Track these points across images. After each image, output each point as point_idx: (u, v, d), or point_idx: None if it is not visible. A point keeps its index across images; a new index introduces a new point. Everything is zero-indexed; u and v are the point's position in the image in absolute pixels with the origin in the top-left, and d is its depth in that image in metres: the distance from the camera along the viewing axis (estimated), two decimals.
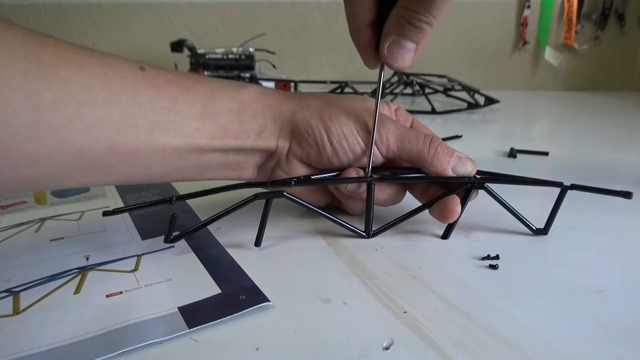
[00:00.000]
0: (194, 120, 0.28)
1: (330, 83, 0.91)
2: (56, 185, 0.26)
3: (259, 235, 0.31)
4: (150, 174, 0.28)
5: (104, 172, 0.26)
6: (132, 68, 0.27)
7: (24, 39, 0.23)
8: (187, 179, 0.31)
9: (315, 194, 0.34)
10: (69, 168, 0.25)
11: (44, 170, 0.24)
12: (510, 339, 0.22)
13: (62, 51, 0.24)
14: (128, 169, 0.27)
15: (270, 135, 0.31)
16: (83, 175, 0.26)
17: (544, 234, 0.33)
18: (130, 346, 0.21)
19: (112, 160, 0.26)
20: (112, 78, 0.25)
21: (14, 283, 0.27)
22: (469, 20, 1.13)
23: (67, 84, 0.23)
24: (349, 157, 0.32)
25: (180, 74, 0.30)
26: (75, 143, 0.24)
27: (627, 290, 0.27)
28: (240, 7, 1.10)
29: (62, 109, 0.23)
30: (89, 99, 0.24)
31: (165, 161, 0.28)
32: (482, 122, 0.78)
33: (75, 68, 0.24)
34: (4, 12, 1.08)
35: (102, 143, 0.25)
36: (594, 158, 0.55)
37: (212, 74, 0.88)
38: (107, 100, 0.25)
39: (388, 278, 0.28)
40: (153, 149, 0.27)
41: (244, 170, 0.32)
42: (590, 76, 1.16)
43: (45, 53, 0.23)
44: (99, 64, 0.25)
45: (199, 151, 0.29)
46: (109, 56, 0.26)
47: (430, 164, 0.31)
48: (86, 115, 0.24)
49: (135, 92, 0.26)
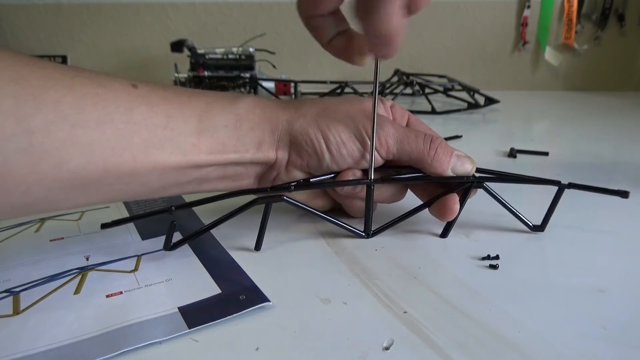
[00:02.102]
0: (191, 137, 0.28)
1: (330, 83, 0.91)
2: (52, 208, 0.26)
3: (258, 239, 0.31)
4: (148, 190, 0.28)
5: (101, 192, 0.26)
6: (124, 86, 0.26)
7: (11, 62, 0.22)
8: (186, 192, 0.31)
9: (317, 199, 0.34)
10: (65, 191, 0.24)
11: (39, 195, 0.23)
12: (510, 339, 0.22)
13: (50, 72, 0.23)
14: (125, 187, 0.27)
15: (269, 148, 0.31)
16: (79, 197, 0.26)
17: (541, 230, 0.33)
18: (130, 346, 0.21)
19: (109, 180, 0.25)
20: (104, 97, 0.25)
21: (14, 283, 0.27)
22: (469, 20, 1.13)
23: (58, 105, 0.23)
24: (348, 162, 0.31)
25: (174, 89, 0.29)
26: (70, 166, 0.23)
27: (627, 290, 0.27)
28: (240, 7, 1.10)
29: (54, 132, 0.23)
30: (81, 119, 0.24)
31: (163, 178, 0.28)
32: (482, 122, 0.78)
33: (65, 89, 0.23)
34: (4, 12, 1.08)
35: (98, 164, 0.24)
36: (594, 158, 0.55)
37: (212, 74, 0.88)
38: (101, 120, 0.24)
39: (388, 278, 0.28)
40: (150, 167, 0.26)
41: (244, 181, 0.32)
42: (590, 76, 1.16)
43: (32, 75, 0.23)
44: (89, 83, 0.25)
45: (198, 167, 0.29)
46: (100, 75, 0.26)
47: (430, 165, 0.31)
48: (80, 136, 0.23)
49: (129, 110, 0.26)
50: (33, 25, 1.10)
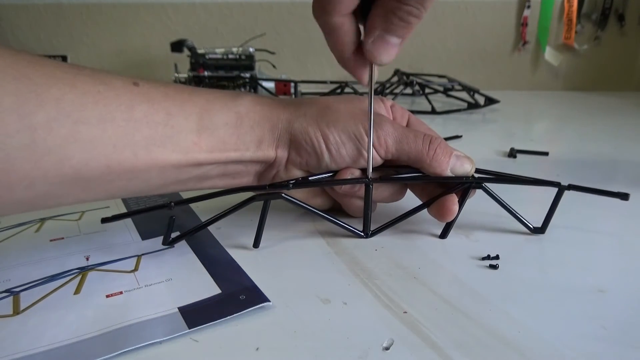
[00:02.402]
0: (192, 134, 0.28)
1: (330, 83, 0.91)
2: (54, 203, 0.26)
3: (257, 236, 0.31)
4: (149, 187, 0.28)
5: (102, 189, 0.26)
6: (126, 84, 0.26)
7: (12, 60, 0.22)
8: (186, 189, 0.31)
9: (317, 197, 0.34)
10: (67, 187, 0.25)
11: (42, 190, 0.24)
12: (510, 339, 0.22)
13: (52, 70, 0.24)
14: (126, 184, 0.27)
15: (268, 146, 0.31)
16: (81, 193, 0.26)
17: (541, 232, 0.33)
18: (130, 346, 0.21)
19: (110, 177, 0.26)
20: (105, 94, 0.25)
21: (14, 283, 0.27)
22: (469, 20, 1.13)
23: (60, 102, 0.23)
24: (347, 161, 0.31)
25: (175, 86, 0.29)
26: (72, 162, 0.24)
27: (627, 290, 0.27)
28: (240, 7, 1.10)
29: (56, 128, 0.23)
30: (83, 116, 0.24)
31: (164, 175, 0.28)
32: (482, 122, 0.78)
33: (67, 87, 0.24)
34: (4, 12, 1.08)
35: (99, 161, 0.25)
36: (594, 158, 0.55)
37: (212, 74, 0.88)
38: (102, 118, 0.25)
39: (388, 278, 0.28)
40: (151, 164, 0.27)
41: (244, 179, 0.32)
42: (590, 76, 1.16)
43: (35, 73, 0.23)
44: (91, 81, 0.25)
45: (198, 164, 0.29)
46: (101, 73, 0.26)
47: (429, 165, 0.31)
48: (81, 133, 0.24)
49: (130, 107, 0.26)
50: (33, 25, 1.10)
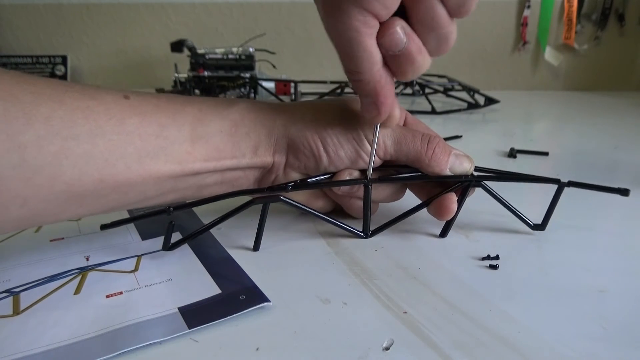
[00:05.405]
0: (185, 144, 0.28)
1: (330, 83, 0.90)
2: (51, 219, 0.26)
3: (257, 240, 0.31)
4: (147, 197, 0.28)
5: (99, 203, 0.26)
6: (116, 97, 0.27)
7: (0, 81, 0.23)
8: (184, 198, 0.31)
9: (318, 200, 0.34)
10: (61, 203, 0.25)
11: (37, 208, 0.24)
12: (510, 339, 0.22)
13: (41, 88, 0.24)
14: (122, 197, 0.27)
15: (265, 152, 0.31)
16: (77, 208, 0.26)
17: (542, 229, 0.33)
18: (130, 346, 0.21)
19: (105, 191, 0.26)
20: (95, 109, 0.25)
21: (14, 283, 0.27)
22: (469, 20, 1.12)
23: (49, 120, 0.23)
24: (345, 163, 0.31)
25: (167, 97, 0.29)
26: (64, 178, 0.24)
27: (627, 290, 0.27)
28: (240, 7, 1.10)
29: (46, 146, 0.23)
30: (73, 133, 0.24)
31: (160, 186, 0.28)
32: (482, 122, 0.78)
33: (56, 104, 0.24)
34: (4, 12, 1.08)
35: (92, 176, 0.25)
36: (594, 158, 0.55)
37: (212, 74, 0.88)
38: (93, 133, 0.25)
39: (388, 278, 0.28)
40: (146, 176, 0.27)
41: (243, 185, 0.32)
42: (590, 76, 1.16)
43: (23, 91, 0.23)
44: (80, 97, 0.25)
45: (194, 174, 0.29)
46: (91, 88, 0.26)
47: (428, 165, 0.31)
48: (72, 149, 0.24)
49: (121, 121, 0.26)
50: (33, 25, 1.10)
